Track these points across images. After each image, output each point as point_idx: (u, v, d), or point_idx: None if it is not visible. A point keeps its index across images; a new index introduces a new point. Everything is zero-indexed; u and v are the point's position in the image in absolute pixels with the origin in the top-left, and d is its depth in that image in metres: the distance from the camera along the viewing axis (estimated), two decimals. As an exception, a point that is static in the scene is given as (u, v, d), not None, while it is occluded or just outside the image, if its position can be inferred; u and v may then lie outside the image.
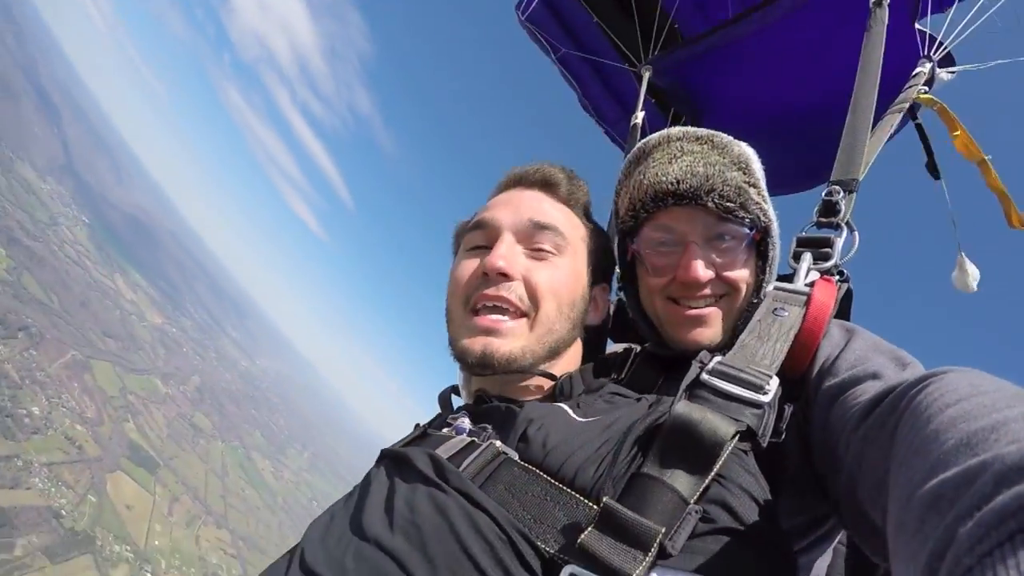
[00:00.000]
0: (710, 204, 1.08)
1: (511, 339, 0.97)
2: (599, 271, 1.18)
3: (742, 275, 1.12)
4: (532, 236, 1.06)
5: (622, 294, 1.30)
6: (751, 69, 2.61)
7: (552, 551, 0.68)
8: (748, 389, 0.84)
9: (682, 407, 0.77)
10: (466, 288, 1.04)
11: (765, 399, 0.82)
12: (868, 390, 0.83)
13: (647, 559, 0.63)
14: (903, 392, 0.71)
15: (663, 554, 0.65)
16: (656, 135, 1.24)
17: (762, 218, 1.12)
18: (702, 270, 1.09)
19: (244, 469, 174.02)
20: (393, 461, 0.87)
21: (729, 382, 0.85)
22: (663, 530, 0.65)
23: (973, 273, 1.88)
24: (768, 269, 1.15)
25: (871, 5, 1.75)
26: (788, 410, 0.93)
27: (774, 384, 0.85)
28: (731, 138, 1.22)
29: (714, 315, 1.12)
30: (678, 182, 1.10)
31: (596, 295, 1.17)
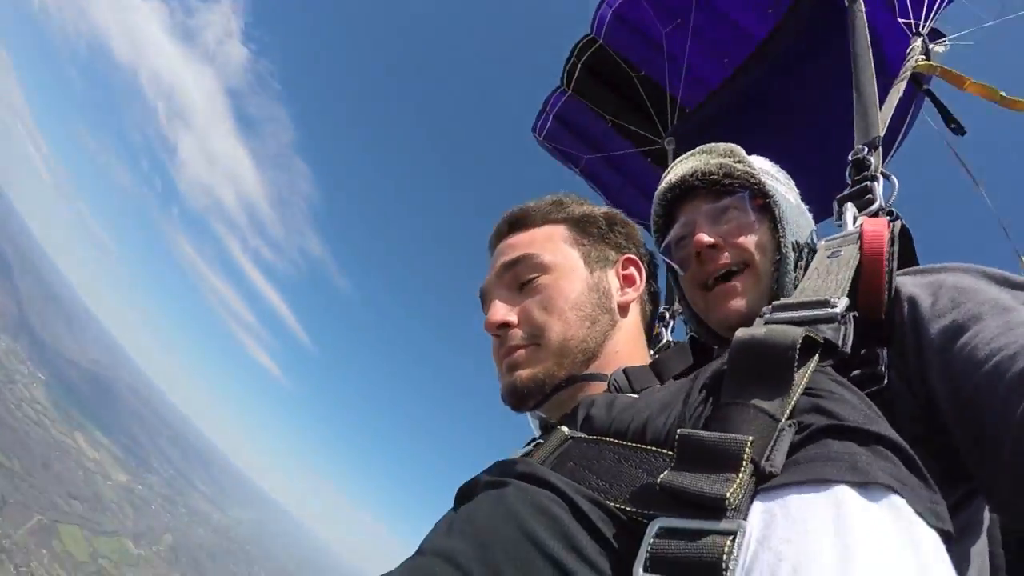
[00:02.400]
0: (695, 183, 1.18)
1: (530, 364, 0.95)
2: (609, 249, 1.08)
3: (751, 238, 1.14)
4: (512, 278, 1.02)
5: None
6: (767, 117, 2.68)
7: (632, 510, 0.58)
8: (813, 308, 0.79)
9: (741, 330, 0.71)
10: (495, 359, 1.02)
11: (835, 310, 0.77)
12: (1003, 333, 0.76)
13: (739, 477, 0.52)
14: None
15: (761, 477, 0.54)
16: None
17: (752, 180, 1.16)
18: (706, 236, 1.13)
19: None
20: (466, 492, 0.78)
21: (790, 311, 0.81)
22: (750, 440, 0.55)
23: None
24: (781, 227, 1.14)
25: (847, 3, 1.91)
26: (884, 353, 0.86)
27: (843, 301, 0.80)
28: (725, 143, 1.28)
29: (741, 285, 1.13)
30: (671, 183, 1.22)
31: (617, 272, 1.08)
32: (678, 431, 0.59)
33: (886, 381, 0.84)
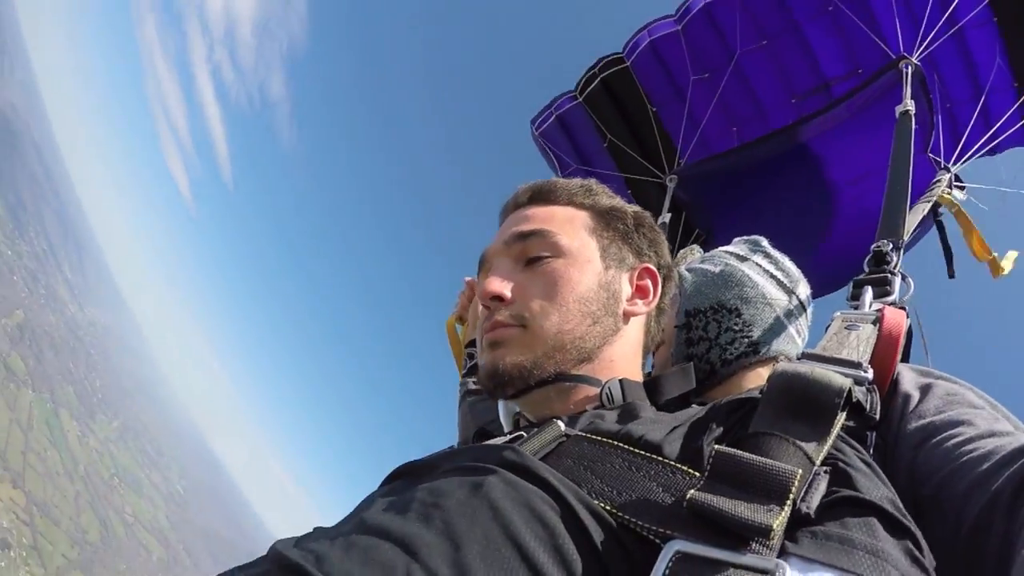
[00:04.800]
0: None
1: (516, 348, 0.84)
2: (629, 251, 0.98)
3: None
4: (521, 251, 0.92)
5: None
6: (766, 190, 2.91)
7: (643, 524, 0.51)
8: (846, 366, 0.77)
9: (784, 364, 0.67)
10: (478, 331, 0.92)
11: (867, 375, 0.75)
12: (985, 447, 0.77)
13: (784, 510, 0.48)
14: None
15: (796, 518, 0.50)
16: None
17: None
18: None
19: (50, 427, 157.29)
20: (410, 473, 0.68)
21: (823, 362, 0.78)
22: (799, 472, 0.50)
23: None
24: (680, 301, 1.32)
25: (898, 115, 2.09)
26: (872, 436, 0.85)
27: (870, 371, 0.78)
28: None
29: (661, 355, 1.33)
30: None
31: (631, 278, 0.97)
32: (715, 447, 0.55)
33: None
